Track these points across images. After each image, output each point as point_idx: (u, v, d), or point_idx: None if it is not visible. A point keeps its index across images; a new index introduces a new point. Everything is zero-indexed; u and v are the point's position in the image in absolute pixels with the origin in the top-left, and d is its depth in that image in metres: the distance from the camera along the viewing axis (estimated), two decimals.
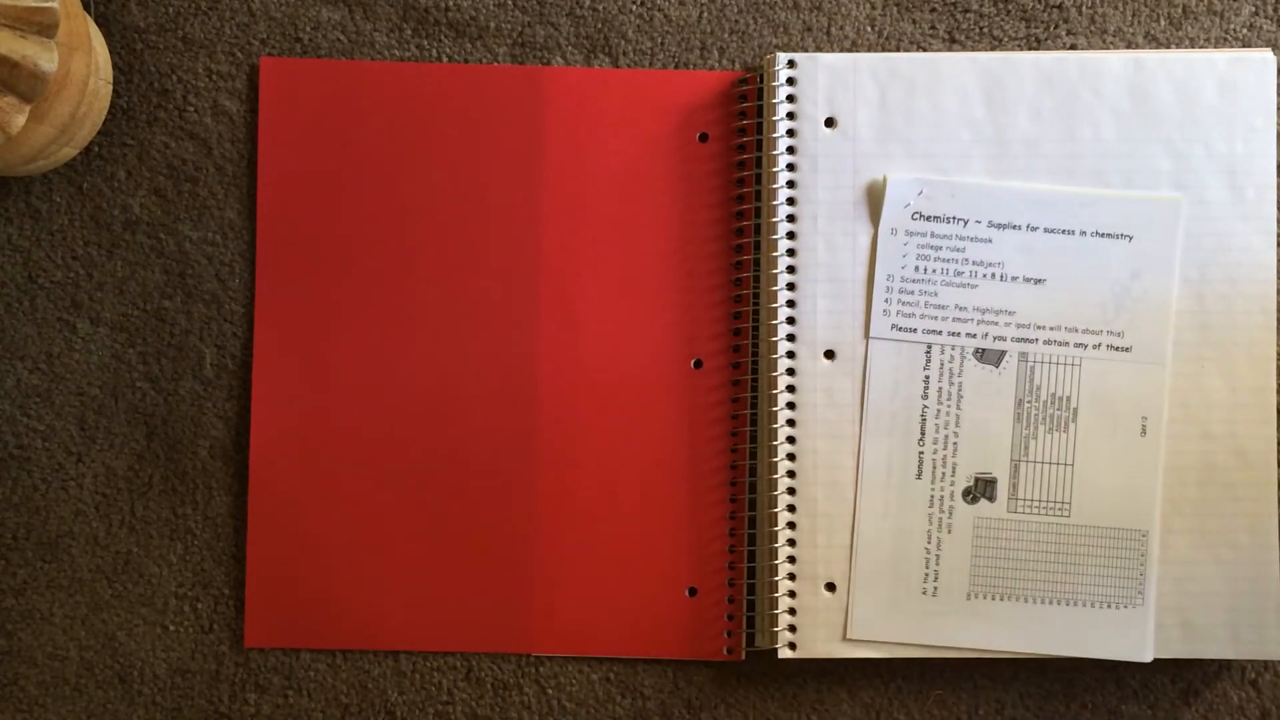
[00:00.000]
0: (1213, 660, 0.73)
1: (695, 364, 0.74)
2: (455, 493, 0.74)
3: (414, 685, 0.74)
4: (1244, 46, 0.74)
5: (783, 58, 0.73)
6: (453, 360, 0.74)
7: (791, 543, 0.72)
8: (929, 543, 0.72)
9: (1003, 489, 0.72)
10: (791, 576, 0.72)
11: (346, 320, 0.74)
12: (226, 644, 0.75)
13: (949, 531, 0.72)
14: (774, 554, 0.72)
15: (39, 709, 0.74)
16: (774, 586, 0.72)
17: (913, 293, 0.72)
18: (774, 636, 0.72)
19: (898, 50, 0.74)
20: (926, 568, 0.72)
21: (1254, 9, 0.74)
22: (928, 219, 0.72)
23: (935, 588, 0.72)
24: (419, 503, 0.74)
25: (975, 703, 0.74)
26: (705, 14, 0.75)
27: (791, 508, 0.72)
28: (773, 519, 0.72)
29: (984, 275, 0.72)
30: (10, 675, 0.74)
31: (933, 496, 0.72)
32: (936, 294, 0.72)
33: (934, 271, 0.72)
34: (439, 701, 0.74)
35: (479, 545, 0.74)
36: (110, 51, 0.74)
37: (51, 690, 0.75)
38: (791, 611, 0.72)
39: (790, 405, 0.73)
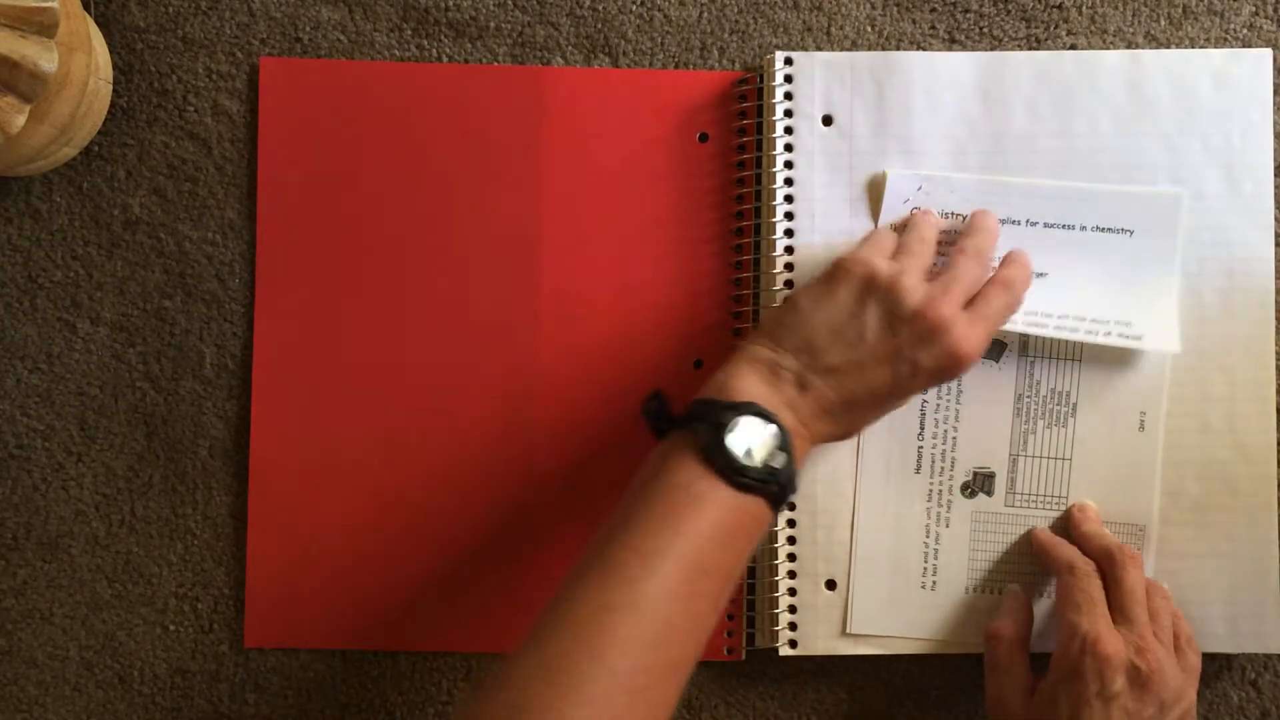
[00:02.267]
0: (1213, 659, 0.73)
1: (695, 364, 0.74)
2: (455, 493, 0.74)
3: (414, 685, 0.74)
4: (1244, 46, 0.74)
5: (780, 56, 0.73)
6: (453, 360, 0.74)
7: (791, 540, 0.72)
8: (927, 537, 0.72)
9: (1001, 483, 0.72)
10: (791, 574, 0.72)
11: (346, 320, 0.74)
12: (226, 644, 0.75)
13: (947, 526, 0.72)
14: (774, 553, 0.72)
15: (39, 709, 0.74)
16: (774, 585, 0.72)
17: None
18: (774, 635, 0.72)
19: (898, 50, 0.74)
20: (925, 562, 0.72)
21: (1254, 9, 0.74)
22: None
23: (934, 581, 0.72)
24: (419, 503, 0.74)
25: (975, 702, 0.74)
26: (705, 14, 0.75)
27: (791, 505, 0.72)
28: None
29: None
30: (10, 675, 0.74)
31: (931, 491, 0.72)
32: None
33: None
34: (439, 701, 0.74)
35: (479, 545, 0.74)
36: (110, 51, 0.74)
37: (51, 690, 0.75)
38: (792, 609, 0.72)
39: None
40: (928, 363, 0.62)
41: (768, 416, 0.60)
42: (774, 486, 0.59)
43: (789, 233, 0.73)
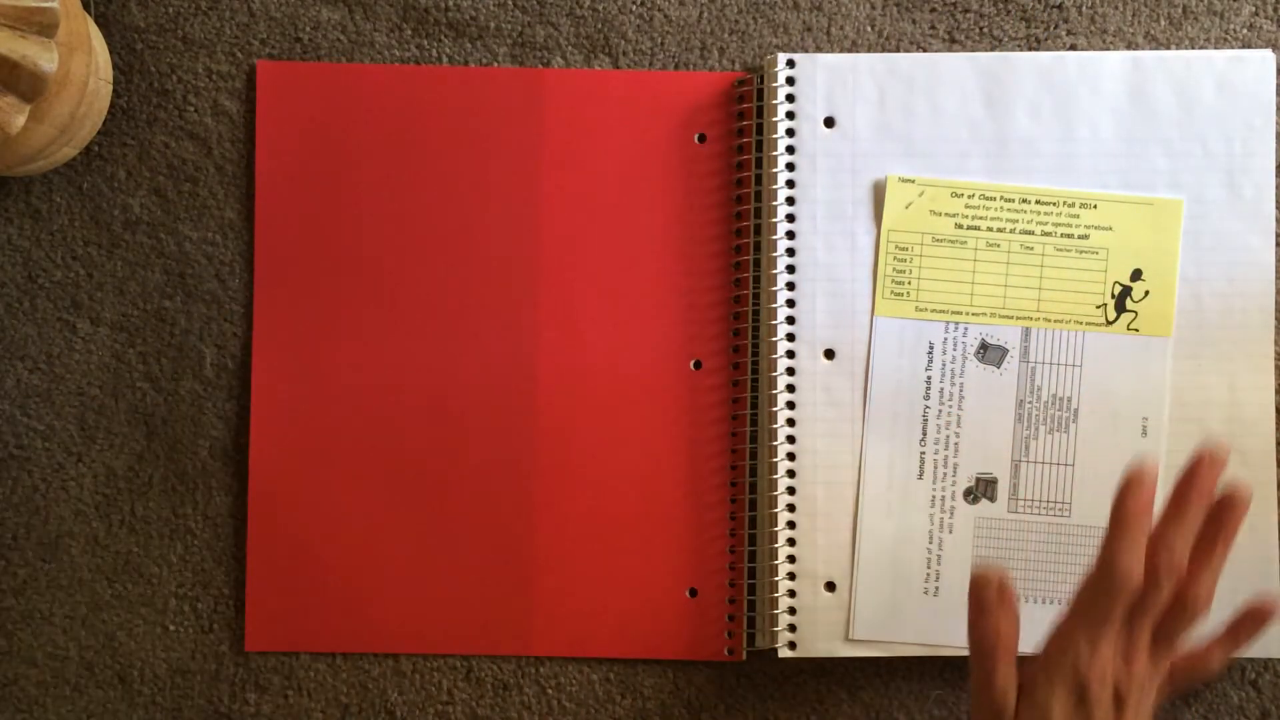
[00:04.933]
0: None
1: (695, 364, 0.74)
2: (455, 493, 0.74)
3: (414, 686, 0.74)
4: (1244, 47, 0.74)
5: (782, 58, 0.73)
6: (452, 361, 0.74)
7: (791, 542, 0.72)
8: (930, 542, 0.72)
9: (1003, 489, 0.72)
10: (791, 576, 0.72)
11: (346, 321, 0.74)
12: (226, 644, 0.75)
13: (950, 531, 0.72)
14: (774, 554, 0.72)
15: (39, 709, 0.74)
16: (774, 586, 0.72)
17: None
18: (774, 636, 0.72)
19: (898, 50, 0.74)
20: (928, 567, 0.72)
21: (1254, 9, 0.74)
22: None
23: (936, 587, 0.72)
24: (419, 503, 0.74)
25: None
26: (705, 14, 0.75)
27: (791, 507, 0.72)
28: (773, 519, 0.72)
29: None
30: (10, 675, 0.74)
31: (934, 496, 0.72)
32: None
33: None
34: (439, 702, 0.74)
35: (479, 546, 0.74)
36: (110, 51, 0.74)
37: (51, 690, 0.74)
38: (791, 611, 0.72)
39: (790, 405, 0.73)
40: None
41: None
42: None
43: (790, 234, 0.73)
